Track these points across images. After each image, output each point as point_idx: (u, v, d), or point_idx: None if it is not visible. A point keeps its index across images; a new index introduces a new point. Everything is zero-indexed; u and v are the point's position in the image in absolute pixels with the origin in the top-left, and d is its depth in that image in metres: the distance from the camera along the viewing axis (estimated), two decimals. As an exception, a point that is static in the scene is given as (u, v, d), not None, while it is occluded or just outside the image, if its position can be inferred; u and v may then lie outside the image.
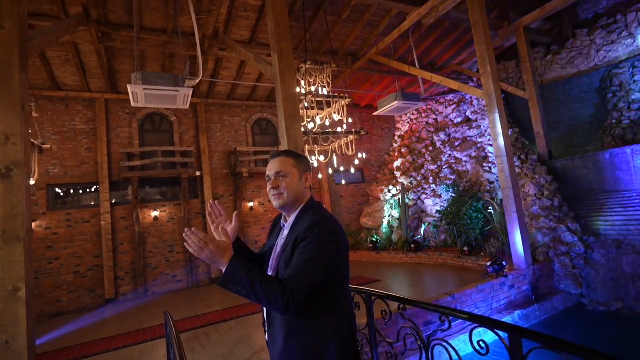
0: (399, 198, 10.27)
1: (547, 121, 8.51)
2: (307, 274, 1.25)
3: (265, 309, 1.46)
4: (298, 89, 6.48)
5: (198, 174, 9.10)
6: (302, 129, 6.52)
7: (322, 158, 6.41)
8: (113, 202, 8.34)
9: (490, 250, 7.04)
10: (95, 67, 7.51)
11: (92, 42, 6.29)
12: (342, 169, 7.16)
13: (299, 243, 1.32)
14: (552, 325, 5.05)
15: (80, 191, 8.18)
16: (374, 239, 9.88)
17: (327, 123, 6.66)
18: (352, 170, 7.18)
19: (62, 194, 8.01)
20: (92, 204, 8.18)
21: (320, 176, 8.04)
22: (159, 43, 6.93)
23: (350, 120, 6.93)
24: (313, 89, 6.57)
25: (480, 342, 1.58)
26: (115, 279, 8.01)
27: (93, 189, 8.23)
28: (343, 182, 7.73)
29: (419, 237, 9.10)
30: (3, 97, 2.43)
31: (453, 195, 8.97)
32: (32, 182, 4.97)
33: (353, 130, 6.62)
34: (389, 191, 10.75)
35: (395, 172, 11.15)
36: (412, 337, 1.99)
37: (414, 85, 11.11)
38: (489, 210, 7.91)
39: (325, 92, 6.59)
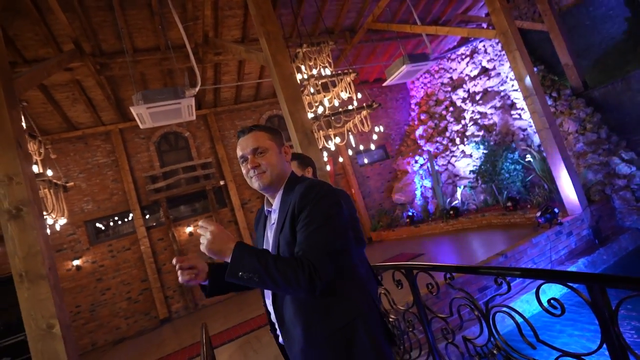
0: (427, 166, 9.82)
1: (574, 50, 7.72)
2: (323, 243, 1.06)
3: (270, 308, 1.25)
4: (300, 76, 6.25)
5: (222, 183, 9.12)
6: (312, 115, 6.31)
7: (337, 140, 6.14)
8: (149, 225, 8.55)
9: (536, 201, 6.52)
10: (102, 100, 7.63)
11: (92, 75, 6.36)
12: (361, 147, 6.86)
13: (297, 216, 1.12)
14: (624, 268, 4.56)
15: (119, 221, 8.45)
16: (410, 213, 9.52)
17: (337, 103, 6.38)
18: (372, 147, 6.86)
19: (100, 228, 8.30)
20: (130, 231, 8.42)
21: (341, 159, 7.77)
22: (155, 61, 6.90)
23: (359, 95, 6.61)
24: (315, 72, 6.30)
25: (552, 302, 1.30)
26: (165, 299, 8.23)
27: (129, 217, 8.45)
28: (365, 161, 7.44)
29: (457, 202, 8.64)
30: (-4, 139, 2.41)
31: (485, 151, 8.42)
32: (64, 221, 5.10)
33: (365, 104, 6.29)
34: (416, 162, 10.31)
35: (419, 141, 10.67)
36: (467, 308, 1.74)
37: (421, 47, 10.49)
38: (527, 159, 7.33)
39: (328, 72, 6.30)
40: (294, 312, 1.13)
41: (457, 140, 9.41)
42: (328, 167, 6.63)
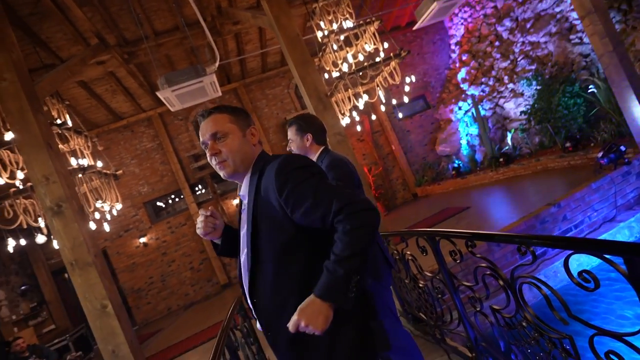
0: (472, 112, 9.04)
1: (653, -55, 6.24)
2: (329, 197, 0.97)
3: (245, 293, 1.16)
4: (320, 33, 5.87)
5: (260, 154, 9.29)
6: (338, 73, 5.98)
7: (366, 97, 5.81)
8: (199, 201, 9.11)
9: (602, 138, 5.73)
10: (137, 88, 7.94)
11: (122, 65, 6.57)
12: (394, 102, 6.45)
13: (279, 194, 1.01)
14: None
15: (176, 199, 9.14)
16: (456, 165, 9.00)
17: (362, 58, 5.95)
18: (406, 100, 6.38)
19: (158, 207, 9.05)
20: (183, 208, 9.06)
21: (373, 117, 7.38)
22: (177, 42, 6.91)
23: (386, 45, 6.09)
24: (336, 27, 5.87)
25: (584, 274, 1.10)
26: (223, 266, 8.91)
27: (181, 196, 9.07)
28: (400, 115, 7.01)
29: (507, 147, 7.94)
30: (28, 143, 2.61)
31: (538, 88, 7.47)
32: (120, 206, 5.59)
33: (392, 54, 5.79)
34: (460, 108, 9.53)
35: (462, 85, 9.77)
36: (492, 277, 1.58)
37: (457, -25, 9.25)
38: (590, 91, 6.38)
39: (350, 24, 5.84)
40: (275, 307, 1.07)
41: (505, 79, 8.44)
42: (359, 128, 6.35)
